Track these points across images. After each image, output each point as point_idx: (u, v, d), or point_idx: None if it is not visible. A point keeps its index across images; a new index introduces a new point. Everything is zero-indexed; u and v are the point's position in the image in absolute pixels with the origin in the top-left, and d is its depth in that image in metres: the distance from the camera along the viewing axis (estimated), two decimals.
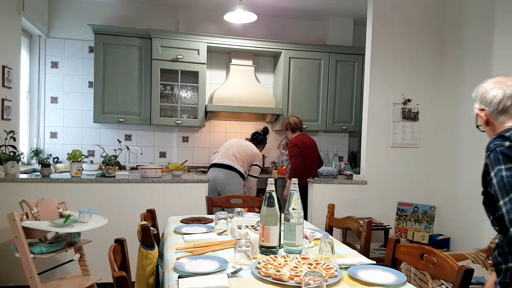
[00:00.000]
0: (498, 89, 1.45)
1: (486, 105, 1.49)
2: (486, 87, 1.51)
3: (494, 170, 1.28)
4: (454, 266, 1.41)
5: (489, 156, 1.34)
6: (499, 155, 1.28)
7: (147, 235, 1.79)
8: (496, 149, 1.31)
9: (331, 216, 2.49)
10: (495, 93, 1.45)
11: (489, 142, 1.38)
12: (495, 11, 3.15)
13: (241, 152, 4.01)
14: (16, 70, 3.76)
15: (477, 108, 1.54)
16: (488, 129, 1.51)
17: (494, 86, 1.47)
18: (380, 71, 3.68)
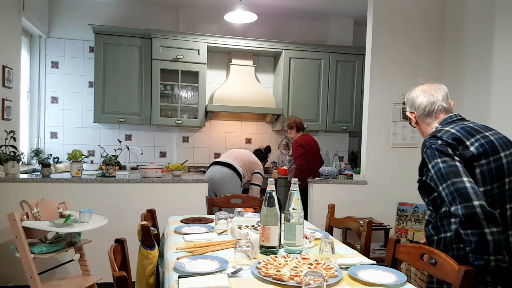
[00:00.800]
0: (423, 97, 1.77)
1: (415, 109, 1.79)
2: (414, 94, 1.80)
3: (432, 163, 1.57)
4: (455, 266, 1.41)
5: (425, 152, 1.61)
6: (435, 151, 1.56)
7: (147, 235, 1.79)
8: (431, 146, 1.58)
9: (331, 216, 2.48)
10: (421, 100, 1.76)
11: (424, 141, 1.66)
12: (495, 11, 3.15)
13: (243, 155, 4.08)
14: (17, 70, 3.76)
15: (408, 111, 1.85)
16: (418, 128, 1.84)
17: (420, 94, 1.78)
18: (380, 71, 3.68)
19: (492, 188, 1.53)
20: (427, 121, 1.77)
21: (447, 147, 1.55)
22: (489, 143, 1.57)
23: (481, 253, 1.41)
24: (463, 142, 1.56)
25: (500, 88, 3.09)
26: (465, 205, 1.41)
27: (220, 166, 3.92)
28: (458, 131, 1.60)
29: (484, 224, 1.39)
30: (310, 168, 3.99)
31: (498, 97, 3.10)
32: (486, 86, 3.21)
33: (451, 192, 1.47)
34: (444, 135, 1.59)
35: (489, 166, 1.54)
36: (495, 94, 3.13)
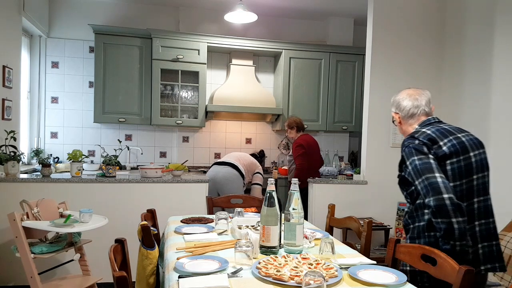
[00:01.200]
0: (408, 101, 1.94)
1: (400, 110, 1.97)
2: (400, 97, 1.98)
3: (409, 160, 1.75)
4: (455, 266, 1.41)
5: (404, 150, 1.80)
6: (412, 150, 1.75)
7: (148, 235, 1.79)
8: (409, 146, 1.77)
9: (332, 216, 2.48)
10: (406, 103, 1.94)
11: (404, 140, 1.84)
12: (495, 11, 3.15)
13: (243, 156, 4.11)
14: (17, 70, 3.76)
15: (393, 111, 2.02)
16: (400, 127, 2.02)
17: (406, 98, 1.95)
18: (381, 71, 3.68)
19: (461, 184, 1.74)
20: (410, 122, 1.96)
21: (423, 146, 1.74)
22: (460, 144, 1.77)
23: (448, 238, 1.61)
24: (437, 142, 1.76)
25: (500, 87, 3.09)
26: (436, 198, 1.60)
27: (222, 166, 3.92)
28: (433, 133, 1.79)
29: (452, 214, 1.58)
30: (310, 168, 3.99)
31: (498, 96, 3.10)
32: (486, 86, 3.21)
33: (425, 186, 1.65)
34: (420, 136, 1.78)
35: (459, 164, 1.74)
36: (495, 94, 3.13)
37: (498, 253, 1.82)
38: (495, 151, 3.12)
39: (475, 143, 1.85)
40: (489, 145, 3.16)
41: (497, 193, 3.07)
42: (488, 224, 1.84)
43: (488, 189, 1.85)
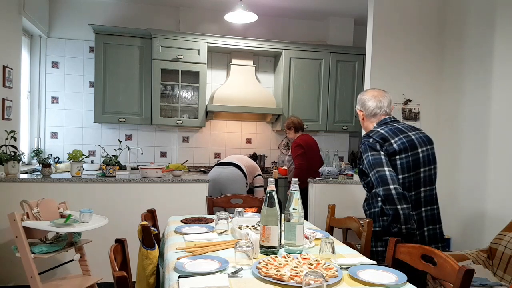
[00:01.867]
0: (373, 102, 2.18)
1: (364, 109, 2.21)
2: (366, 97, 2.21)
3: (364, 156, 2.04)
4: (455, 266, 1.41)
5: (361, 147, 2.09)
6: (367, 147, 2.03)
7: (148, 235, 1.79)
8: (365, 143, 2.06)
9: (332, 216, 2.48)
10: (370, 104, 2.18)
11: (361, 138, 2.15)
12: (496, 11, 3.15)
13: (244, 158, 4.10)
14: (17, 70, 3.76)
15: (358, 108, 2.25)
16: (362, 122, 2.27)
17: (371, 99, 2.19)
18: (381, 71, 3.68)
19: (409, 176, 2.01)
20: (371, 120, 2.21)
21: (376, 144, 2.02)
22: (409, 142, 2.04)
23: (395, 222, 1.93)
24: (388, 140, 2.03)
25: (500, 87, 3.09)
26: (384, 188, 1.91)
27: (225, 166, 3.91)
28: (386, 132, 2.06)
29: (397, 202, 1.89)
30: (310, 168, 3.99)
31: (498, 96, 3.10)
32: (486, 85, 3.21)
33: (376, 178, 1.96)
34: (374, 135, 2.05)
35: (407, 159, 2.02)
36: (495, 94, 3.13)
37: (441, 235, 2.12)
38: (495, 153, 3.12)
39: (424, 140, 2.10)
40: (489, 147, 3.17)
41: (497, 193, 3.08)
42: (433, 210, 2.10)
43: (434, 180, 2.11)
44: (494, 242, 2.76)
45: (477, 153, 3.28)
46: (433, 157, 2.11)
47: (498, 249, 2.69)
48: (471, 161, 3.37)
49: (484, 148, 3.21)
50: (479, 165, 3.26)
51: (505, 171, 3.00)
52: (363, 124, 2.28)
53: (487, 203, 3.17)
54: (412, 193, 2.00)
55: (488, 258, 2.76)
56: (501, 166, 3.05)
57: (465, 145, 3.45)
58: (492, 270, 2.69)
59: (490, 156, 3.16)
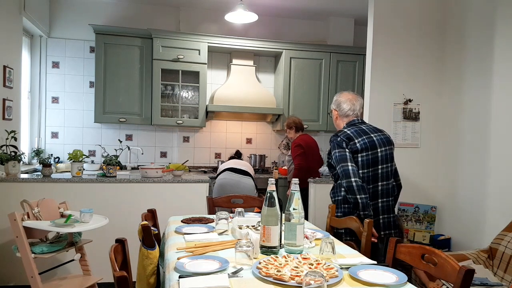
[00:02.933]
0: (347, 104, 2.50)
1: (339, 110, 2.53)
2: (342, 99, 2.52)
3: (333, 151, 2.37)
4: (455, 266, 1.41)
5: (330, 144, 2.42)
6: (335, 144, 2.36)
7: (148, 235, 1.79)
8: (334, 141, 2.38)
9: (332, 216, 2.48)
10: (345, 106, 2.51)
11: (331, 136, 2.43)
12: (496, 12, 3.15)
13: (250, 166, 4.06)
14: (17, 70, 3.77)
15: (334, 108, 2.57)
16: (335, 121, 2.59)
17: (346, 101, 2.51)
18: (381, 71, 3.67)
19: (368, 171, 2.36)
20: (343, 119, 2.53)
21: (342, 142, 2.34)
22: (370, 142, 2.36)
23: (356, 209, 2.30)
24: (353, 139, 2.35)
25: (501, 87, 3.09)
26: (347, 180, 2.27)
27: (241, 175, 3.83)
28: (352, 133, 2.39)
29: (357, 193, 2.25)
30: (310, 168, 3.99)
31: (499, 96, 3.10)
32: (487, 85, 3.21)
33: (341, 172, 2.30)
34: (342, 134, 2.38)
35: (367, 157, 2.35)
36: (496, 94, 3.13)
37: (394, 224, 2.45)
38: (495, 152, 3.12)
39: (384, 141, 2.41)
40: (490, 146, 3.16)
41: (498, 193, 3.08)
42: (388, 202, 2.43)
43: (391, 176, 2.45)
44: (494, 242, 2.76)
45: (478, 153, 3.28)
46: (391, 157, 2.44)
47: (498, 249, 2.69)
48: (471, 161, 3.37)
49: (484, 148, 3.21)
50: (480, 165, 3.26)
51: (505, 171, 3.00)
52: (335, 122, 2.60)
53: (488, 203, 3.17)
54: (370, 186, 2.35)
55: (488, 258, 2.76)
56: (502, 166, 3.05)
57: (465, 145, 3.45)
58: (492, 270, 2.69)
59: (490, 155, 3.16)
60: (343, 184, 2.28)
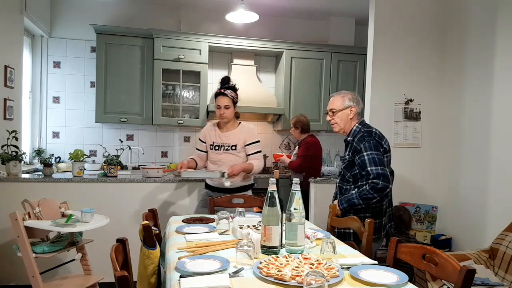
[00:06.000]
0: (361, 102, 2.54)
1: (358, 107, 2.50)
2: (357, 96, 2.53)
3: (367, 152, 2.36)
4: (456, 266, 1.41)
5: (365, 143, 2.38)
6: (371, 145, 2.37)
7: (149, 234, 1.79)
8: (368, 141, 2.39)
9: (333, 216, 2.48)
10: (361, 103, 2.53)
11: (363, 134, 2.42)
12: (497, 11, 3.14)
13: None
14: (18, 70, 3.77)
15: (352, 105, 2.49)
16: (349, 119, 2.51)
17: (360, 99, 2.55)
18: (382, 71, 3.67)
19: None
20: (358, 118, 2.52)
21: (378, 145, 2.38)
22: (388, 143, 2.49)
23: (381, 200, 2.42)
24: (382, 139, 2.44)
25: (502, 87, 3.09)
26: (385, 184, 2.29)
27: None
28: (380, 133, 2.47)
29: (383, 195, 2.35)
30: (312, 168, 4.00)
31: (499, 96, 3.10)
32: (487, 84, 3.20)
33: (379, 174, 2.29)
34: (375, 135, 2.41)
35: (388, 158, 2.47)
36: (497, 93, 3.12)
37: (393, 216, 2.71)
38: (496, 152, 3.11)
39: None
40: (491, 146, 3.16)
41: (499, 193, 3.07)
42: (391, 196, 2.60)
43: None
44: (495, 242, 2.76)
45: (479, 152, 3.28)
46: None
47: (499, 249, 2.69)
48: (472, 161, 3.36)
49: (485, 148, 3.21)
50: (481, 164, 3.25)
51: (506, 171, 3.00)
52: (348, 121, 2.50)
53: (489, 203, 3.16)
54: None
55: (489, 258, 2.75)
56: (503, 166, 3.04)
57: (466, 145, 3.44)
58: (493, 270, 2.69)
59: (491, 155, 3.16)
60: (379, 184, 2.27)
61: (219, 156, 3.02)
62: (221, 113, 2.95)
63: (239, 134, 3.01)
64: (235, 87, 3.08)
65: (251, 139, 3.04)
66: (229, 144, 2.99)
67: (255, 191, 4.35)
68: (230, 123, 3.04)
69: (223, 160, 3.00)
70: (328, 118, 2.58)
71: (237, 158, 3.01)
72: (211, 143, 3.05)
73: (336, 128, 2.56)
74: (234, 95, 3.01)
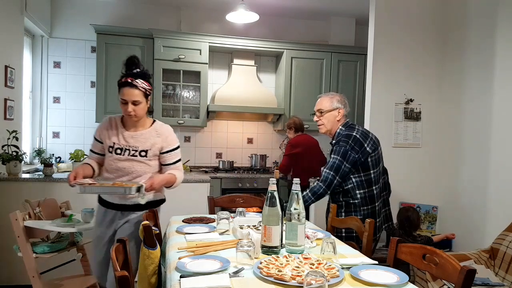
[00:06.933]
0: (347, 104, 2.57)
1: (345, 109, 2.53)
2: (344, 98, 2.55)
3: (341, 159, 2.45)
4: (457, 266, 1.41)
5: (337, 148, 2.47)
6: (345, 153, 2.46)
7: (149, 234, 1.79)
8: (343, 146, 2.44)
9: (333, 216, 2.48)
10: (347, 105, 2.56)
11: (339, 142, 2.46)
12: (497, 11, 3.14)
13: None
14: (19, 70, 3.77)
15: (340, 107, 2.51)
16: (336, 121, 2.53)
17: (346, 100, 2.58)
18: (382, 71, 3.67)
19: (377, 170, 2.50)
20: (343, 119, 2.53)
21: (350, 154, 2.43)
22: (374, 143, 2.50)
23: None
24: (363, 145, 2.44)
25: (502, 87, 3.08)
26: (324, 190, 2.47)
27: None
28: (360, 136, 2.47)
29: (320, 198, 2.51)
30: (311, 167, 4.00)
31: (500, 96, 3.10)
32: (488, 84, 3.20)
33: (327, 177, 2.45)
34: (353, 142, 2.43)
35: (375, 157, 2.48)
36: (497, 94, 3.12)
37: (390, 215, 2.71)
38: (497, 152, 3.11)
39: (378, 140, 2.56)
40: (491, 146, 3.16)
41: (499, 193, 3.07)
42: (387, 195, 2.67)
43: (383, 172, 2.64)
44: (496, 242, 2.76)
45: (479, 152, 3.27)
46: (382, 154, 2.58)
47: (500, 249, 2.69)
48: (472, 161, 3.36)
49: (486, 148, 3.20)
50: (481, 164, 3.25)
51: (507, 171, 3.00)
52: (334, 122, 2.52)
53: (489, 203, 3.16)
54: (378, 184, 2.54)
55: (490, 258, 2.75)
56: (503, 166, 3.04)
57: (467, 145, 3.44)
58: (494, 270, 2.68)
59: (492, 155, 3.16)
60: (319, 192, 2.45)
61: (120, 163, 2.24)
62: (129, 111, 2.17)
63: (153, 137, 2.29)
64: (146, 73, 2.26)
65: (170, 144, 2.35)
66: (136, 148, 2.24)
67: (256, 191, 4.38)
68: (140, 121, 2.30)
69: (126, 169, 2.25)
70: (316, 118, 2.58)
71: (145, 168, 2.28)
72: (110, 144, 2.25)
73: (322, 129, 2.57)
74: (147, 86, 2.22)
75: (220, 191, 4.38)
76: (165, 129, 2.34)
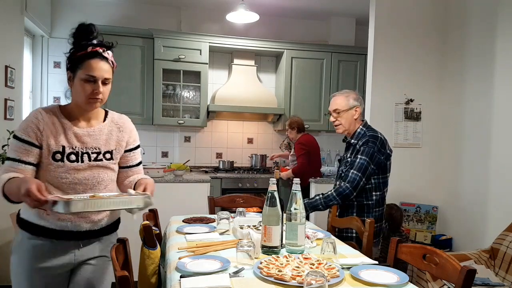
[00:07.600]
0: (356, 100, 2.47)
1: (362, 107, 2.46)
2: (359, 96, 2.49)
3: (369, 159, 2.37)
4: (457, 266, 1.41)
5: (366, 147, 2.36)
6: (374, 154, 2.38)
7: (149, 234, 1.79)
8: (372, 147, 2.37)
9: (333, 216, 2.48)
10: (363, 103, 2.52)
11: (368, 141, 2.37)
12: (497, 10, 3.14)
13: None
14: (19, 70, 3.77)
15: (357, 104, 2.44)
16: (353, 120, 2.45)
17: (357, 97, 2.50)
18: (382, 71, 3.67)
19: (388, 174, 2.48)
20: (361, 118, 2.48)
21: (376, 154, 2.37)
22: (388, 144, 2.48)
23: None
24: (385, 145, 2.43)
25: (502, 87, 3.08)
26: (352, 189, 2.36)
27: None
28: (383, 137, 2.45)
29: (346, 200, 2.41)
30: (312, 168, 4.00)
31: (500, 96, 3.10)
32: (488, 85, 3.20)
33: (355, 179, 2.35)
34: (379, 143, 2.39)
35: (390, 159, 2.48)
36: (497, 94, 3.12)
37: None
38: (497, 152, 3.11)
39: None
40: (491, 147, 3.16)
41: (500, 193, 3.07)
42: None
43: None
44: (496, 242, 2.76)
45: (479, 152, 3.27)
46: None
47: (500, 249, 2.69)
48: (473, 161, 3.36)
49: (486, 148, 3.20)
50: (481, 164, 3.25)
51: (507, 171, 3.00)
52: (352, 121, 2.44)
53: (489, 203, 3.16)
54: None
55: (490, 258, 2.75)
56: (503, 166, 3.04)
57: (467, 145, 3.44)
58: (494, 270, 2.69)
59: (492, 155, 3.16)
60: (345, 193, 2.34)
61: (80, 174, 1.61)
62: (95, 92, 1.64)
63: (114, 132, 1.82)
64: (112, 45, 1.72)
65: (135, 140, 1.92)
66: (98, 150, 1.68)
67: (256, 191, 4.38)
68: (93, 112, 1.79)
69: (89, 181, 1.64)
70: (332, 119, 2.49)
71: (112, 175, 1.75)
72: (57, 148, 1.59)
73: (340, 129, 2.48)
74: (114, 61, 1.73)
75: (220, 191, 4.38)
76: (126, 121, 1.92)
